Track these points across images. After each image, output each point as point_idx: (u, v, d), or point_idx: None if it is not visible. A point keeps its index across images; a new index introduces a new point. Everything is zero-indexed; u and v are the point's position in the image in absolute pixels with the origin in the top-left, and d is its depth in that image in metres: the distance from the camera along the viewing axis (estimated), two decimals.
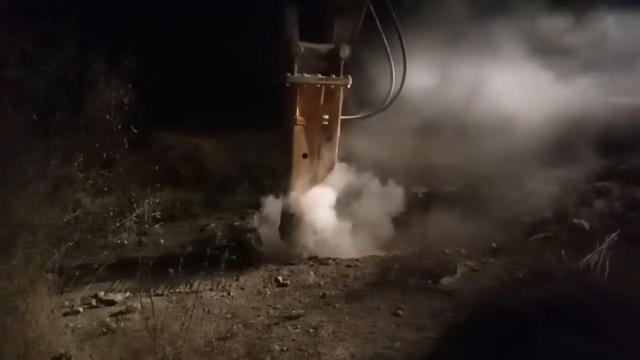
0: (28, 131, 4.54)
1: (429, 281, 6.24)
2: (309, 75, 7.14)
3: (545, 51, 9.16)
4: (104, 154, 5.15)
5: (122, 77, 5.18)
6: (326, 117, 7.43)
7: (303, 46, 7.00)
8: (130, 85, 5.23)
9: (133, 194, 5.12)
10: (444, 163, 9.59)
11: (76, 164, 4.92)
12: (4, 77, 4.55)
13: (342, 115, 7.50)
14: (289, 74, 7.06)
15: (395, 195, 8.48)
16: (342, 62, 7.24)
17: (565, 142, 8.75)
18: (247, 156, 11.13)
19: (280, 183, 8.44)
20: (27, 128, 4.54)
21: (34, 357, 3.99)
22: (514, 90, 8.94)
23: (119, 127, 5.14)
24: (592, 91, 8.69)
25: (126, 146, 5.29)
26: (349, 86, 7.37)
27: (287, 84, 7.14)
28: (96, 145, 5.06)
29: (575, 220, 7.59)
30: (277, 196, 8.62)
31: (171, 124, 11.38)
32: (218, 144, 11.53)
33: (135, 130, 5.35)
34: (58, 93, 4.88)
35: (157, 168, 6.96)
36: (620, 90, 8.76)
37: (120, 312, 5.71)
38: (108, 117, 5.09)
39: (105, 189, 5.26)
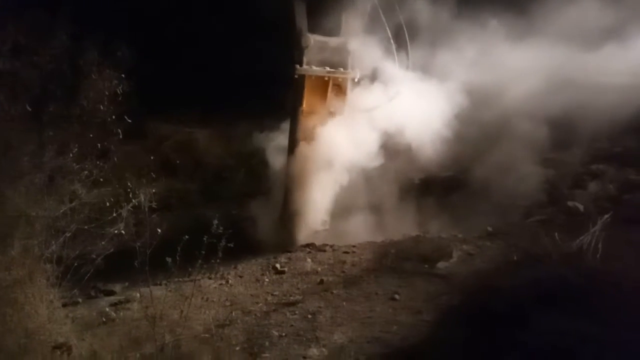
0: (22, 123, 4.54)
1: (426, 266, 6.30)
2: (317, 68, 7.20)
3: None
4: (99, 145, 5.14)
5: (115, 67, 5.15)
6: (332, 109, 7.49)
7: (313, 39, 7.06)
8: (123, 75, 5.20)
9: (129, 184, 5.11)
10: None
11: (71, 155, 4.91)
12: None
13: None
14: (297, 66, 7.12)
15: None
16: (350, 55, 7.32)
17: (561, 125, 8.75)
18: (243, 145, 11.12)
19: (276, 173, 8.50)
20: (22, 120, 4.53)
21: (35, 346, 4.01)
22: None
23: (113, 117, 5.12)
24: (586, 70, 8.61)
25: (121, 136, 5.27)
26: (356, 79, 7.43)
27: (295, 75, 7.19)
28: (91, 136, 5.04)
29: (570, 203, 7.67)
30: (273, 185, 8.66)
31: (166, 113, 11.35)
32: (213, 133, 11.52)
33: (130, 121, 5.34)
34: (51, 84, 4.86)
35: (152, 158, 6.96)
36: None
37: (119, 302, 5.77)
38: (102, 107, 5.06)
39: (101, 179, 5.24)
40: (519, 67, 8.69)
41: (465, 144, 9.32)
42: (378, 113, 7.70)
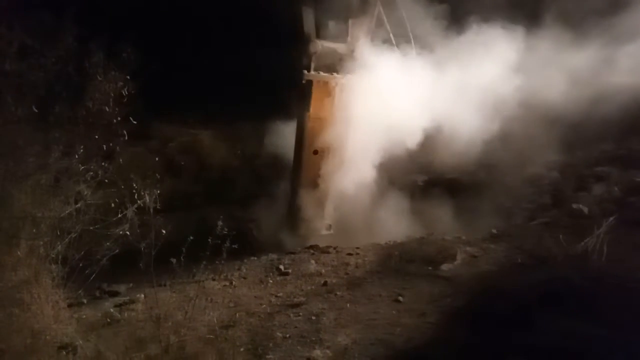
0: (28, 124, 4.56)
1: (429, 268, 6.29)
2: (325, 73, 7.25)
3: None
4: (104, 146, 5.15)
5: (121, 69, 5.17)
6: (339, 114, 7.53)
7: (321, 45, 7.12)
8: (128, 77, 5.22)
9: (134, 185, 5.12)
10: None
11: (76, 156, 4.92)
12: (4, 71, 4.54)
13: None
14: (305, 71, 7.16)
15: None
16: (357, 61, 7.37)
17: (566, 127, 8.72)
18: (247, 147, 11.15)
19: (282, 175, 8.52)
20: (28, 121, 4.56)
21: (40, 347, 4.03)
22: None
23: (119, 118, 5.14)
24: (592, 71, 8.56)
25: (126, 138, 5.29)
26: (361, 84, 7.47)
27: (303, 81, 7.24)
28: (96, 137, 5.06)
29: (574, 206, 7.65)
30: (278, 186, 8.69)
31: (171, 115, 11.39)
32: (218, 134, 11.55)
33: (135, 122, 5.35)
34: (57, 86, 4.88)
35: (157, 159, 6.98)
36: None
37: (124, 303, 5.77)
38: (107, 109, 5.08)
39: (106, 180, 5.25)
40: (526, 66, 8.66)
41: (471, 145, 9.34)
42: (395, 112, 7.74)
